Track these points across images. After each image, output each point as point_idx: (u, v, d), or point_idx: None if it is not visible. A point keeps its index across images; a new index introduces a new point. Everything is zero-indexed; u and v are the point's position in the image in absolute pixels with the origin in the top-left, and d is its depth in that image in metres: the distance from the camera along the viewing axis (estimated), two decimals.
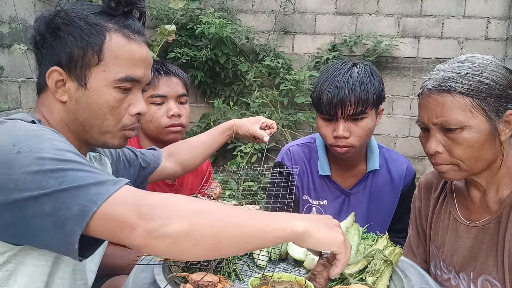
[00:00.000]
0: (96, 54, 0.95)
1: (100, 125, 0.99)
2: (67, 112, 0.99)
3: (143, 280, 1.03)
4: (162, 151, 1.48)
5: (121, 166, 1.28)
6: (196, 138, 1.60)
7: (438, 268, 1.33)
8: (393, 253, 1.14)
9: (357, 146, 1.51)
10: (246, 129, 1.56)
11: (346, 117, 1.48)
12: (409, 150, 4.16)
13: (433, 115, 1.15)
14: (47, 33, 0.97)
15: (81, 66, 0.95)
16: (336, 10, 4.09)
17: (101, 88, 0.97)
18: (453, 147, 1.14)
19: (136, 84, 1.01)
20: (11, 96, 2.74)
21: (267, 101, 3.98)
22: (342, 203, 1.68)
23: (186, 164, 1.52)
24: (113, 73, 0.96)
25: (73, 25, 0.95)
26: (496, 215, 1.18)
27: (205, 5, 4.11)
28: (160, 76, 1.70)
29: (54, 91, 0.97)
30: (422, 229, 1.42)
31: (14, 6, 2.65)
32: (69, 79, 0.97)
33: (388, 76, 4.11)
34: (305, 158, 1.71)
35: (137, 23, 1.03)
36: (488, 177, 1.20)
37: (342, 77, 1.48)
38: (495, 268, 1.17)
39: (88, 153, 1.16)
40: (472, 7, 3.92)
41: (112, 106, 0.98)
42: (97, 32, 0.96)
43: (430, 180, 1.41)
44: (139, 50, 1.00)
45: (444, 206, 1.34)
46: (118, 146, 1.06)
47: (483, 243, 1.20)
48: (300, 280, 1.01)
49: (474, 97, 1.10)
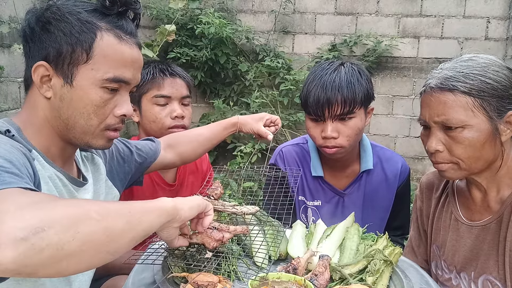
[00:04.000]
0: (85, 52, 0.94)
1: (83, 125, 0.97)
2: (50, 109, 0.97)
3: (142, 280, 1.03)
4: (160, 141, 1.46)
5: (115, 164, 1.27)
6: (197, 131, 1.58)
7: (439, 268, 1.33)
8: (393, 253, 1.14)
9: (346, 146, 1.50)
10: (250, 127, 1.55)
11: (333, 117, 1.47)
12: (409, 150, 4.16)
13: (435, 113, 1.15)
14: (37, 27, 0.95)
15: (69, 63, 0.94)
16: (336, 10, 4.09)
17: (88, 87, 0.95)
18: (454, 146, 1.14)
19: (124, 85, 1.00)
20: (11, 96, 2.74)
21: (267, 101, 3.99)
22: (336, 204, 1.67)
23: (185, 156, 1.50)
24: (101, 72, 0.95)
25: (64, 21, 0.94)
26: (497, 215, 1.18)
27: (205, 5, 4.11)
28: (165, 77, 1.70)
29: (39, 86, 0.96)
30: (424, 229, 1.42)
31: (14, 6, 2.65)
32: (55, 75, 0.95)
33: (388, 76, 4.11)
34: (298, 159, 1.70)
35: (130, 24, 1.01)
36: (489, 177, 1.20)
37: (328, 77, 1.47)
38: (496, 268, 1.17)
39: (80, 152, 1.15)
40: (472, 7, 3.93)
41: (97, 105, 0.96)
42: (88, 29, 0.94)
43: (431, 181, 1.41)
44: (130, 52, 0.99)
45: (446, 206, 1.34)
46: (102, 147, 1.04)
47: (484, 243, 1.20)
48: (300, 280, 1.01)
49: (476, 97, 1.10)
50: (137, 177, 1.37)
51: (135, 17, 1.04)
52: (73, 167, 1.10)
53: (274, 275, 1.02)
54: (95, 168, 1.18)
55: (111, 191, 1.22)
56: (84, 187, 1.08)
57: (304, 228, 1.32)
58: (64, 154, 1.04)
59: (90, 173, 1.15)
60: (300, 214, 1.69)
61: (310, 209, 1.68)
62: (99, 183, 1.17)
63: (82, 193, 1.06)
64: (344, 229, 1.26)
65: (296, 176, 1.53)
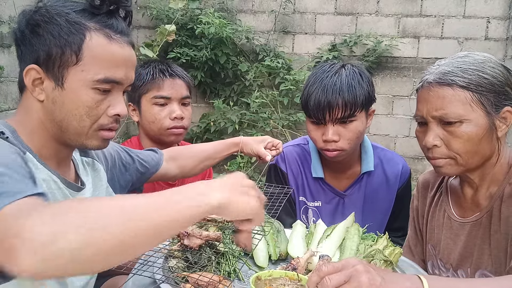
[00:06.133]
0: (75, 53, 0.92)
1: (76, 126, 0.96)
2: (44, 112, 0.96)
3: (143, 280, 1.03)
4: (163, 153, 1.47)
5: (116, 172, 1.26)
6: (201, 147, 1.59)
7: (436, 267, 1.33)
8: (393, 253, 1.14)
9: (347, 149, 1.50)
10: (251, 147, 1.56)
11: (334, 121, 1.46)
12: (409, 150, 4.16)
13: (433, 108, 1.15)
14: (27, 30, 0.94)
15: (59, 65, 0.92)
16: (336, 10, 4.09)
17: (79, 89, 0.93)
18: (452, 141, 1.14)
19: (116, 85, 0.98)
20: (11, 96, 2.75)
21: (267, 101, 3.99)
22: (336, 205, 1.67)
23: (186, 170, 1.51)
24: (91, 73, 0.93)
25: (53, 23, 0.92)
26: (487, 209, 1.19)
27: (205, 5, 4.12)
28: (165, 77, 1.70)
29: (31, 89, 0.95)
30: (420, 229, 1.42)
31: (14, 6, 2.65)
32: (47, 78, 0.94)
33: (388, 76, 4.12)
34: (299, 159, 1.69)
35: (121, 23, 0.99)
36: (481, 174, 1.21)
37: (329, 80, 1.46)
38: (490, 261, 1.17)
39: (81, 158, 1.15)
40: (472, 7, 3.93)
41: (89, 107, 0.95)
42: (76, 31, 0.92)
43: (427, 179, 1.42)
44: (121, 51, 0.96)
45: (439, 205, 1.34)
46: (97, 148, 1.03)
47: (476, 238, 1.21)
48: (292, 275, 1.00)
49: (474, 91, 1.11)
50: (137, 186, 1.38)
51: (126, 15, 1.01)
52: (70, 171, 1.09)
53: (266, 273, 1.02)
54: (96, 174, 1.17)
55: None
56: (82, 192, 1.07)
57: (304, 228, 1.32)
58: (59, 156, 1.03)
59: (90, 178, 1.14)
60: (301, 215, 1.69)
61: (310, 209, 1.68)
62: (99, 189, 1.16)
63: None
64: (344, 229, 1.26)
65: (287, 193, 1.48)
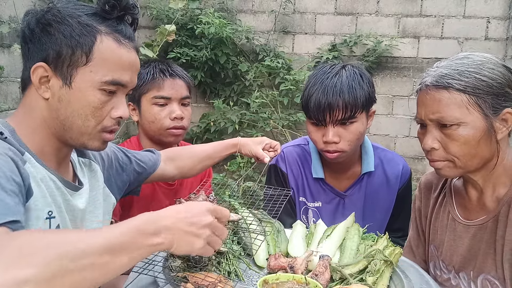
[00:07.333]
0: (85, 54, 0.96)
1: (80, 126, 0.99)
2: (48, 110, 0.98)
3: (143, 280, 1.03)
4: (161, 154, 1.47)
5: (113, 172, 1.27)
6: (199, 147, 1.60)
7: (438, 268, 1.33)
8: (393, 253, 1.14)
9: (347, 150, 1.50)
10: (249, 148, 1.56)
11: (334, 122, 1.46)
12: (409, 150, 4.16)
13: (430, 111, 1.15)
14: (37, 28, 0.97)
15: (68, 64, 0.96)
16: (336, 10, 4.09)
17: (86, 89, 0.97)
18: (449, 144, 1.14)
19: (121, 88, 1.02)
20: (11, 96, 2.75)
21: (267, 101, 3.98)
22: (337, 205, 1.67)
23: (185, 171, 1.52)
24: (99, 75, 0.97)
25: (65, 23, 0.96)
26: (494, 213, 1.18)
27: (205, 5, 4.11)
28: (165, 77, 1.70)
29: (37, 87, 0.97)
30: (422, 229, 1.42)
31: (14, 6, 2.65)
32: (54, 76, 0.97)
33: (388, 76, 4.11)
34: (299, 160, 1.69)
35: (128, 28, 1.04)
36: (485, 176, 1.20)
37: (330, 81, 1.46)
38: (494, 266, 1.17)
39: (78, 158, 1.16)
40: (472, 7, 3.93)
41: (94, 107, 0.98)
42: (88, 33, 0.96)
43: (430, 180, 1.41)
44: (128, 55, 1.01)
45: (443, 206, 1.34)
46: (97, 149, 1.05)
47: (481, 242, 1.20)
48: (300, 278, 1.01)
49: (471, 94, 1.10)
50: (135, 186, 1.38)
51: (133, 22, 1.06)
52: (69, 171, 1.10)
53: (273, 277, 1.02)
54: (92, 175, 1.18)
55: (108, 199, 1.23)
56: (79, 192, 1.09)
57: (304, 228, 1.32)
58: (58, 155, 1.04)
59: (86, 179, 1.15)
60: (301, 215, 1.69)
61: (310, 210, 1.68)
62: (95, 190, 1.17)
63: (76, 198, 1.07)
64: (344, 229, 1.26)
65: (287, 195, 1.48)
